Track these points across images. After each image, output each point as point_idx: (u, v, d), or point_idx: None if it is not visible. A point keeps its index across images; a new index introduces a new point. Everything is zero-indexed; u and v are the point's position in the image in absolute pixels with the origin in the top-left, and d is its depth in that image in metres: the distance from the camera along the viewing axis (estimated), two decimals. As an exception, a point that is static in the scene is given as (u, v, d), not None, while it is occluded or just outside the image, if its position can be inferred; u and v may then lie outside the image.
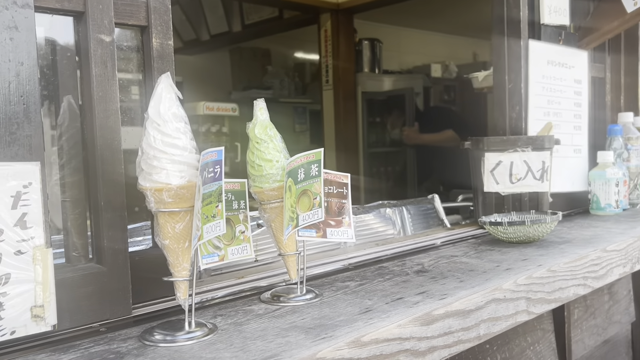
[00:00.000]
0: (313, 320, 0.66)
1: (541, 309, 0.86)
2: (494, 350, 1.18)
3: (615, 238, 1.10)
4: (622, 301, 1.61)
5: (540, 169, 1.23)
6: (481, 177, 1.26)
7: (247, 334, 0.63)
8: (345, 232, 0.83)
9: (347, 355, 0.59)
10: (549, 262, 0.91)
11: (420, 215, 1.39)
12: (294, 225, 0.75)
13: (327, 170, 0.79)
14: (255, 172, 0.74)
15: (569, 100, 1.44)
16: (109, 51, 0.68)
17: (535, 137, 1.24)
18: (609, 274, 1.01)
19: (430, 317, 0.69)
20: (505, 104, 1.34)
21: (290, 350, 0.57)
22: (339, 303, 0.74)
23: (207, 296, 0.80)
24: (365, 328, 0.63)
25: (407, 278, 0.86)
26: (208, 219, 0.64)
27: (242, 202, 0.74)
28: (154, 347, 0.60)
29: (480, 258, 0.98)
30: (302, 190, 0.75)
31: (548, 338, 1.33)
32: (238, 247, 0.72)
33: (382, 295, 0.77)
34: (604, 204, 1.40)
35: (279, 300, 0.75)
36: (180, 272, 0.63)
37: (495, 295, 0.78)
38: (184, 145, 0.61)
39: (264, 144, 0.73)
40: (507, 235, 1.08)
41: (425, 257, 1.01)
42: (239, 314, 0.71)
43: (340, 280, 0.87)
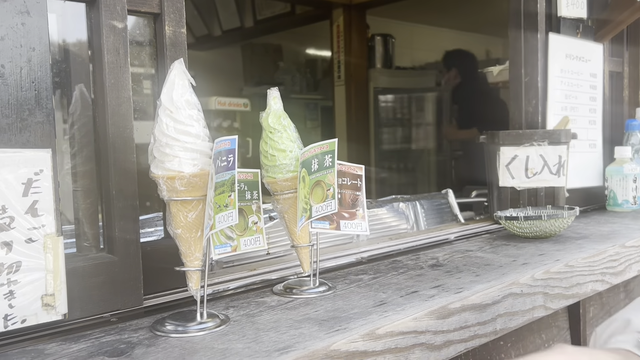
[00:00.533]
0: (326, 313, 0.65)
1: (558, 305, 0.84)
2: (508, 347, 1.16)
3: (633, 234, 1.08)
4: (639, 299, 1.58)
5: (556, 163, 1.20)
6: (496, 172, 1.24)
7: (259, 325, 0.62)
8: (359, 224, 0.82)
9: (361, 348, 0.57)
10: (566, 257, 0.89)
11: (434, 210, 1.37)
12: (307, 217, 0.73)
13: (341, 161, 0.78)
14: (268, 162, 0.73)
15: (584, 95, 1.41)
16: (121, 38, 0.68)
17: (552, 131, 1.22)
18: (628, 270, 0.99)
19: (447, 310, 0.67)
20: (522, 97, 1.32)
21: (304, 341, 0.56)
22: (352, 296, 0.73)
23: (219, 288, 0.79)
24: (380, 321, 0.62)
25: (422, 272, 0.85)
26: (220, 208, 0.63)
27: (255, 193, 0.73)
28: (166, 338, 0.59)
29: (496, 253, 0.96)
30: (315, 181, 0.74)
31: (563, 335, 1.31)
32: (251, 238, 0.71)
33: (397, 288, 0.76)
34: (621, 200, 1.38)
35: (291, 292, 0.74)
36: (193, 261, 0.62)
37: (512, 290, 0.76)
38: (196, 133, 0.60)
39: (278, 133, 0.72)
40: (523, 230, 1.06)
41: (439, 252, 1.00)
42: (251, 306, 0.70)
43: (354, 274, 0.86)
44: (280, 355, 0.52)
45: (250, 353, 0.53)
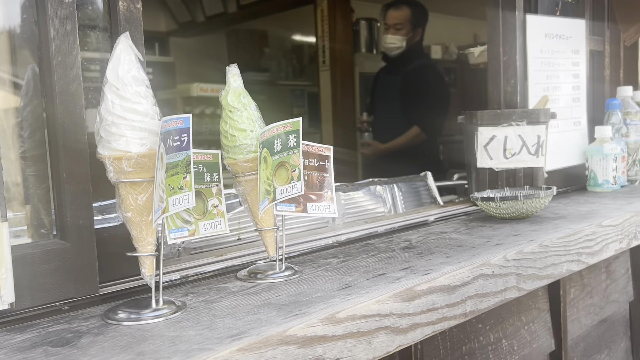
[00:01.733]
0: (288, 297, 0.63)
1: (532, 285, 0.82)
2: (487, 329, 1.14)
3: (611, 213, 1.06)
4: (620, 280, 1.58)
5: (535, 143, 1.18)
6: (474, 153, 1.22)
7: (216, 312, 0.59)
8: (327, 206, 0.79)
9: (320, 332, 0.55)
10: (541, 237, 0.87)
11: (412, 193, 1.35)
12: (271, 199, 0.71)
13: (307, 142, 0.76)
14: (228, 143, 0.70)
15: (567, 73, 1.39)
16: (68, 13, 0.64)
17: (531, 111, 1.20)
18: (605, 249, 0.98)
19: (413, 292, 0.65)
20: (500, 77, 1.30)
21: (259, 327, 0.53)
22: (318, 280, 0.70)
23: (182, 274, 0.77)
24: (342, 304, 0.59)
25: (393, 254, 0.83)
26: (174, 190, 0.60)
27: (215, 175, 0.70)
28: (117, 326, 0.56)
29: (471, 234, 0.94)
30: (279, 162, 0.71)
31: (543, 317, 1.29)
32: (211, 222, 0.69)
33: (365, 271, 0.73)
34: (602, 180, 1.36)
35: (255, 277, 0.72)
36: (145, 246, 0.60)
37: (483, 271, 0.74)
38: (144, 111, 0.57)
39: (237, 112, 0.69)
40: (500, 211, 1.04)
41: (413, 234, 0.98)
42: (212, 292, 0.67)
43: (323, 257, 0.83)
44: (232, 341, 0.50)
45: (201, 340, 0.51)
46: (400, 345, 0.63)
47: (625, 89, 1.48)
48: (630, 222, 1.04)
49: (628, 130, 1.45)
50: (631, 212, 1.06)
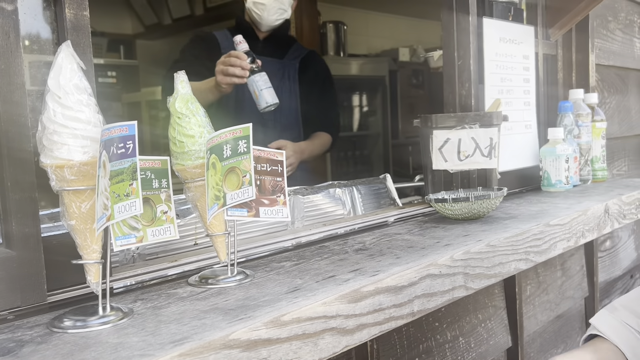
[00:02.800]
0: (236, 302, 0.64)
1: (480, 284, 0.85)
2: (444, 328, 1.17)
3: (560, 213, 1.10)
4: (575, 277, 1.63)
5: (488, 145, 1.22)
6: (430, 155, 1.24)
7: (163, 318, 0.60)
8: (279, 211, 0.80)
9: (264, 336, 0.56)
10: (489, 237, 0.90)
11: (372, 195, 1.37)
12: (221, 205, 0.72)
13: (259, 147, 0.76)
14: (176, 149, 0.70)
15: (519, 77, 1.43)
16: (11, 21, 0.64)
17: (483, 114, 1.23)
18: (553, 248, 1.01)
19: (359, 294, 0.67)
20: (455, 80, 1.33)
21: (202, 332, 0.54)
22: (268, 283, 0.71)
23: (135, 280, 0.77)
24: (288, 307, 0.61)
25: (345, 256, 0.84)
26: (120, 197, 0.60)
27: (164, 181, 0.71)
28: (61, 334, 0.56)
29: (423, 235, 0.96)
30: (229, 167, 0.72)
31: (500, 314, 1.33)
32: (160, 228, 0.69)
33: (315, 274, 0.75)
34: (555, 180, 1.41)
35: (206, 282, 0.72)
36: (90, 254, 0.60)
37: (430, 271, 0.76)
38: (87, 119, 0.57)
39: (186, 118, 0.70)
40: (453, 212, 1.07)
41: (368, 236, 1.00)
42: (160, 298, 0.67)
43: (277, 261, 0.84)
44: (173, 347, 0.51)
45: (144, 346, 0.51)
46: (347, 345, 0.65)
47: (577, 92, 1.53)
48: (577, 220, 1.08)
49: (580, 132, 1.50)
50: (579, 211, 1.10)
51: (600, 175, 1.56)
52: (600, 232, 1.15)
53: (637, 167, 2.04)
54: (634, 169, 2.01)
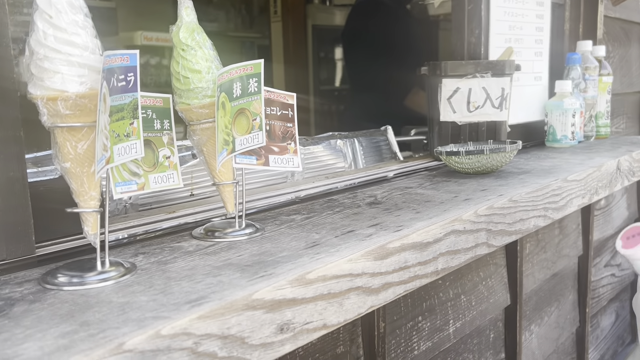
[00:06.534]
0: (251, 257, 0.57)
1: (501, 242, 0.80)
2: (447, 285, 1.13)
3: (574, 168, 1.05)
4: (571, 235, 1.61)
5: (499, 96, 1.15)
6: (437, 106, 1.17)
7: (171, 274, 0.53)
8: (290, 160, 0.73)
9: (289, 295, 0.50)
10: (510, 192, 0.85)
11: (373, 147, 1.30)
12: (230, 150, 0.64)
13: (269, 88, 0.69)
14: (181, 86, 0.62)
15: (530, 25, 1.36)
16: None
17: (496, 62, 1.16)
18: (569, 205, 0.97)
19: (385, 250, 0.61)
20: (464, 27, 1.25)
21: (221, 291, 0.48)
22: (282, 237, 0.65)
23: (130, 232, 0.70)
24: (312, 264, 0.54)
25: (359, 210, 0.78)
26: (120, 138, 0.52)
27: (167, 122, 0.63)
28: (56, 291, 0.49)
29: (437, 189, 0.91)
30: (238, 109, 0.64)
31: (500, 272, 1.30)
32: (162, 175, 0.62)
33: (331, 228, 0.68)
34: (560, 136, 1.36)
35: (213, 235, 0.66)
36: (87, 202, 0.52)
37: (455, 227, 0.71)
38: (83, 43, 0.48)
39: (191, 51, 0.61)
40: (464, 165, 1.01)
41: (377, 189, 0.93)
42: (164, 252, 0.61)
43: (286, 214, 0.78)
44: (191, 308, 0.44)
45: (155, 307, 0.45)
46: (372, 306, 0.59)
47: (585, 44, 1.46)
48: (592, 177, 1.04)
49: (586, 86, 1.44)
50: (594, 167, 1.05)
51: (603, 132, 1.52)
52: (611, 190, 1.11)
53: (634, 124, 2.01)
54: (631, 126, 1.98)
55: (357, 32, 2.08)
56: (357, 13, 2.15)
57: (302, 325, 0.51)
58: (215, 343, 0.44)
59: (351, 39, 2.13)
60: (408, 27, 1.98)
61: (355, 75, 2.26)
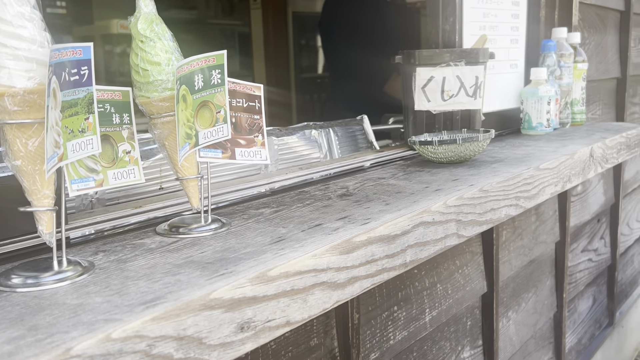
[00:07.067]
0: (214, 254, 0.56)
1: (472, 232, 0.80)
2: (422, 275, 1.13)
3: (547, 156, 1.05)
4: (548, 221, 1.62)
5: (473, 84, 1.15)
6: (412, 95, 1.17)
7: (130, 273, 0.52)
8: (258, 152, 0.72)
9: (250, 294, 0.49)
10: (481, 182, 0.84)
11: (348, 137, 1.29)
12: (193, 144, 0.63)
13: (234, 79, 0.67)
14: (140, 79, 0.61)
15: (506, 12, 1.35)
16: None
17: (469, 50, 1.15)
18: (541, 193, 0.97)
19: (351, 244, 0.60)
20: (439, 15, 1.24)
21: (178, 291, 0.47)
22: (248, 233, 0.64)
23: (96, 228, 0.68)
24: (274, 260, 0.53)
25: (329, 203, 0.77)
26: (74, 134, 0.51)
27: (126, 116, 0.61)
28: (8, 294, 0.48)
29: (409, 179, 0.90)
30: (201, 101, 0.63)
31: (476, 260, 1.30)
32: (122, 170, 0.60)
33: (299, 222, 0.68)
34: (536, 123, 1.36)
35: (177, 231, 0.64)
36: (41, 200, 0.51)
37: (424, 218, 0.70)
38: (31, 37, 0.46)
39: (150, 42, 0.60)
40: (438, 155, 1.00)
41: (350, 180, 0.93)
42: (126, 249, 0.59)
43: (255, 207, 0.77)
44: (145, 309, 0.43)
45: (109, 309, 0.44)
46: (337, 301, 0.59)
47: (560, 30, 1.46)
48: (565, 164, 1.04)
49: (562, 73, 1.44)
50: (566, 154, 1.05)
51: (579, 119, 1.53)
52: (585, 177, 1.12)
53: (610, 110, 2.02)
54: (607, 112, 1.99)
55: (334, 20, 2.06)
56: (333, 0, 2.13)
57: (263, 323, 0.50)
58: (171, 345, 0.43)
59: (328, 28, 2.11)
60: (385, 13, 1.97)
61: (335, 64, 2.25)
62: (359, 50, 1.91)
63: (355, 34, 1.96)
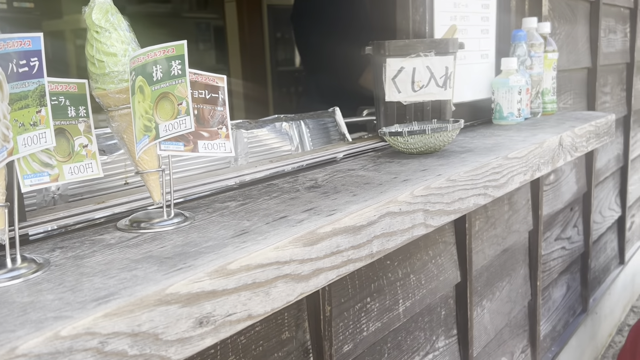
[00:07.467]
0: (174, 248, 0.55)
1: (440, 221, 0.80)
2: (395, 265, 1.13)
3: (516, 145, 1.05)
4: (521, 211, 1.63)
5: (443, 75, 1.15)
6: (383, 86, 1.16)
7: (85, 269, 0.50)
8: (222, 144, 0.71)
9: (208, 288, 0.48)
10: (448, 172, 0.84)
11: (320, 129, 1.29)
12: (152, 137, 0.61)
13: (196, 70, 0.66)
14: (96, 70, 0.59)
15: (476, 2, 1.35)
16: None
17: (439, 41, 1.15)
18: (510, 182, 0.97)
19: (315, 236, 0.60)
20: (409, 5, 1.24)
21: (133, 286, 0.45)
22: (211, 226, 0.63)
23: (56, 225, 0.67)
24: (235, 253, 0.53)
25: (297, 195, 0.76)
26: (25, 127, 0.49)
27: (83, 109, 0.60)
28: (-43, 293, 0.46)
29: (379, 171, 0.90)
30: (160, 93, 0.61)
31: (449, 250, 1.31)
32: (79, 165, 0.59)
33: (264, 214, 0.67)
34: (507, 113, 1.37)
35: (138, 226, 0.63)
36: (-10, 196, 0.49)
37: (390, 209, 0.70)
38: (-27, 27, 0.45)
39: (106, 33, 0.58)
40: (408, 145, 1.00)
41: (320, 172, 0.92)
42: (84, 245, 0.58)
43: (220, 201, 0.76)
44: (97, 305, 0.42)
45: (60, 306, 0.42)
46: (302, 293, 0.58)
47: (530, 20, 1.47)
48: (534, 153, 1.04)
49: (532, 63, 1.45)
50: (535, 143, 1.06)
51: (550, 108, 1.54)
52: (554, 165, 1.13)
53: (582, 100, 2.05)
54: (579, 102, 2.02)
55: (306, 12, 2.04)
56: None
57: (224, 318, 0.49)
58: (125, 341, 0.42)
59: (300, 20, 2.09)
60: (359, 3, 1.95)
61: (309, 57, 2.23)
62: (333, 42, 1.89)
63: (328, 26, 1.95)
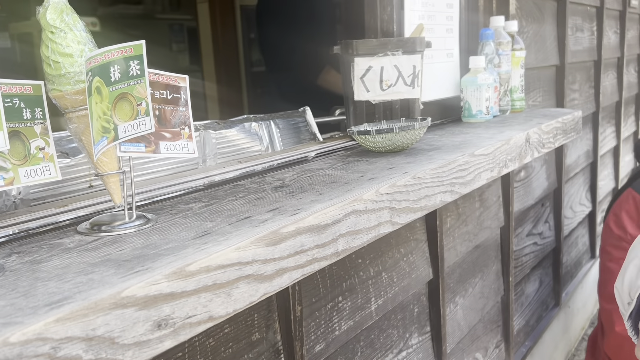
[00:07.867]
0: (133, 251, 0.54)
1: (406, 219, 0.80)
2: (367, 264, 1.14)
3: (483, 142, 1.06)
4: (492, 207, 1.65)
5: (411, 74, 1.15)
6: (351, 85, 1.16)
7: (41, 274, 0.49)
8: (184, 145, 0.70)
9: (166, 290, 0.48)
10: (415, 169, 0.85)
11: (291, 129, 1.28)
12: (111, 138, 0.60)
13: (156, 70, 0.65)
14: (52, 72, 0.58)
15: (442, 2, 1.36)
16: None
17: (406, 40, 1.16)
18: (477, 179, 0.98)
19: (278, 235, 0.59)
20: (377, 3, 1.24)
21: (88, 290, 0.45)
22: (173, 228, 0.62)
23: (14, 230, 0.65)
24: (195, 255, 0.52)
25: (263, 195, 0.76)
26: (-26, 130, 0.48)
27: (39, 111, 0.59)
28: None
29: (346, 169, 0.90)
30: (119, 93, 0.61)
31: (421, 248, 1.32)
32: (36, 167, 0.57)
33: (228, 215, 0.66)
34: (475, 111, 1.38)
35: (99, 230, 0.62)
36: (-61, 201, 0.48)
37: (355, 207, 0.70)
38: None
39: (61, 33, 0.57)
40: (376, 144, 1.00)
41: (288, 172, 0.92)
42: (42, 250, 0.57)
43: (185, 202, 0.75)
44: (49, 310, 0.41)
45: (11, 312, 0.41)
46: (265, 293, 0.58)
47: (498, 19, 1.49)
48: (500, 150, 1.06)
49: (500, 61, 1.47)
50: (502, 140, 1.07)
51: (519, 106, 1.56)
52: (521, 162, 1.14)
53: (551, 97, 2.08)
54: (548, 99, 2.05)
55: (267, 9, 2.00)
56: None
57: (183, 320, 0.49)
58: (79, 346, 0.41)
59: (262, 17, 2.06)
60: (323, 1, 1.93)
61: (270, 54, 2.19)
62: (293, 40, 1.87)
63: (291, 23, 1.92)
